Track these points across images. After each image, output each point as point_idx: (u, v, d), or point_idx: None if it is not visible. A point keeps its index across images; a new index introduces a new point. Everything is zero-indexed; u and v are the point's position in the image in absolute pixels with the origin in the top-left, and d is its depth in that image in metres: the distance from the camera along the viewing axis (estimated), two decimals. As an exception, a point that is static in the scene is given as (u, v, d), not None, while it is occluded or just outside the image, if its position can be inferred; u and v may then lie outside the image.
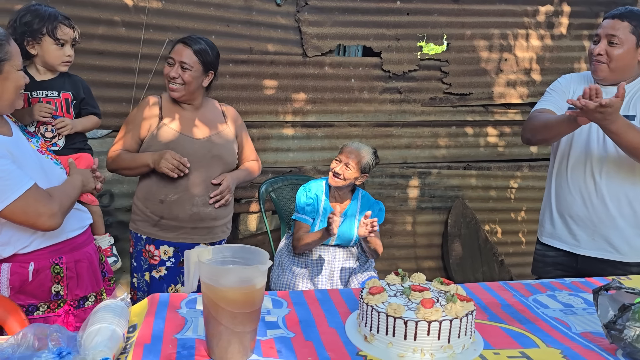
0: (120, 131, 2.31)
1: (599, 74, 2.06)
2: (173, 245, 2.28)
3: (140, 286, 2.33)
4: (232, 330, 1.08)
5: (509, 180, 3.84)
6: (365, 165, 2.51)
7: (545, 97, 2.25)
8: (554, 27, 3.75)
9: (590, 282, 1.72)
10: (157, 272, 2.29)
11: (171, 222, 2.25)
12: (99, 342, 1.06)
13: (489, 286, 1.64)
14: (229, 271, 1.12)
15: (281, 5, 3.30)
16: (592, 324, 1.38)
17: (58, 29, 1.93)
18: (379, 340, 1.19)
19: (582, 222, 2.13)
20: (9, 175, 1.46)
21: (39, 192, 1.51)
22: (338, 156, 2.53)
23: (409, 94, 3.60)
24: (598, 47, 2.04)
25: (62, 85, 2.03)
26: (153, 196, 2.25)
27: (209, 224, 2.31)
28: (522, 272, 3.82)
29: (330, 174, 2.52)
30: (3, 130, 1.58)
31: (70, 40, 1.98)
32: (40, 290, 1.63)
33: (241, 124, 2.48)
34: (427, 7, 3.54)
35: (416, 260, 3.79)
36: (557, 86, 2.24)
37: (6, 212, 1.47)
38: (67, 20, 1.97)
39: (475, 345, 1.23)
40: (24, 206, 1.47)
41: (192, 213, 2.25)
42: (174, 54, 2.22)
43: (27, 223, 1.51)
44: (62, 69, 2.00)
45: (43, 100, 1.98)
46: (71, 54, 1.99)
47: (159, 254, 2.28)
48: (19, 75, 1.57)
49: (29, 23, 1.91)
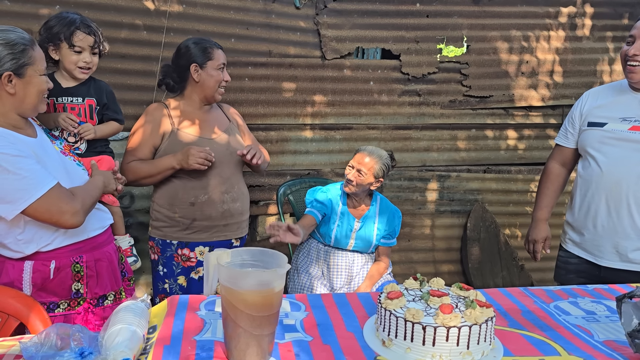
0: (131, 142, 2.29)
1: (635, 77, 2.00)
2: (208, 244, 2.32)
3: (174, 291, 2.35)
4: (250, 333, 1.09)
5: (530, 183, 3.79)
6: (379, 170, 2.44)
7: (561, 129, 2.33)
8: (576, 28, 3.70)
9: (614, 289, 1.69)
10: (195, 273, 2.33)
11: (204, 223, 2.29)
12: (120, 343, 1.08)
13: (509, 292, 1.63)
14: (248, 274, 1.13)
15: (300, 8, 3.31)
16: (616, 332, 1.36)
17: (74, 35, 1.94)
18: (397, 345, 1.18)
19: (605, 233, 2.08)
20: (34, 174, 1.50)
21: (62, 191, 1.55)
22: (351, 162, 2.47)
23: (428, 96, 3.58)
24: (633, 47, 1.98)
25: (87, 92, 2.05)
26: (181, 201, 2.27)
27: (238, 219, 2.37)
28: (543, 278, 3.76)
29: (345, 180, 2.50)
30: (28, 132, 1.62)
31: (88, 47, 1.97)
32: (61, 288, 1.67)
33: (243, 124, 2.55)
34: (447, 9, 3.51)
35: (435, 264, 3.76)
36: (570, 117, 2.27)
37: (30, 209, 1.50)
38: (88, 27, 1.97)
39: (495, 352, 1.21)
40: (48, 204, 1.51)
41: (224, 210, 2.30)
42: (223, 60, 2.32)
43: (51, 220, 1.55)
44: (78, 75, 2.00)
45: (68, 106, 2.00)
46: (89, 60, 1.98)
47: (194, 255, 2.31)
48: (41, 80, 1.60)
49: (51, 28, 1.94)
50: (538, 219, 2.37)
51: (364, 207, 2.57)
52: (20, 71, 1.54)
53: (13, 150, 1.49)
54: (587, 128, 2.15)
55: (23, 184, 1.48)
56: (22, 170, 1.48)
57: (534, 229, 2.38)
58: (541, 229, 2.36)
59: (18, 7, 2.75)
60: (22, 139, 1.57)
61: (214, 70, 2.29)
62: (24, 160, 1.50)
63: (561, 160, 2.34)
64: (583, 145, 2.17)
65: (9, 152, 1.48)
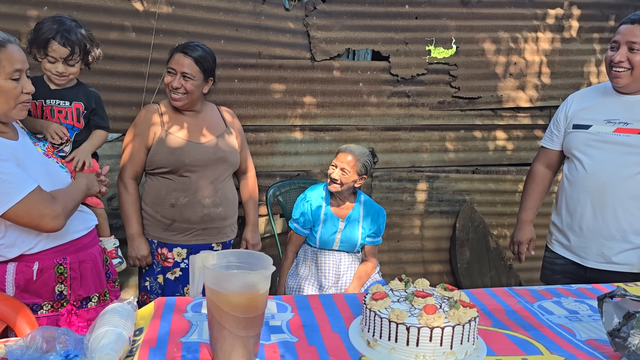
0: (126, 139, 2.34)
1: (620, 81, 2.01)
2: (186, 247, 2.32)
3: (154, 289, 2.36)
4: (235, 335, 1.09)
5: (518, 184, 3.82)
6: (362, 167, 2.48)
7: (547, 131, 2.36)
8: (563, 30, 3.73)
9: (597, 289, 1.71)
10: (171, 273, 2.33)
11: (183, 225, 2.29)
12: (106, 345, 1.08)
13: (494, 292, 1.64)
14: (233, 276, 1.14)
15: (290, 10, 3.32)
16: (597, 331, 1.38)
17: (49, 44, 1.88)
18: (381, 346, 1.19)
19: (591, 235, 2.10)
20: (13, 178, 1.49)
21: (42, 194, 1.54)
22: (334, 161, 2.51)
23: (417, 97, 3.60)
24: (618, 54, 1.99)
25: (75, 95, 2.02)
26: (162, 201, 2.29)
27: (218, 224, 2.36)
28: (530, 277, 3.79)
29: (329, 179, 2.52)
30: (9, 135, 1.60)
31: (61, 58, 1.91)
32: (44, 290, 1.66)
33: (241, 130, 2.53)
34: (435, 11, 3.54)
35: (424, 265, 3.79)
36: (555, 120, 2.30)
37: (10, 213, 1.49)
38: (66, 38, 1.89)
39: (478, 351, 1.23)
40: (28, 208, 1.50)
41: (203, 215, 2.29)
42: (174, 64, 2.23)
43: (31, 224, 1.54)
44: (55, 81, 1.96)
45: (55, 108, 1.98)
46: (61, 70, 1.92)
47: (172, 256, 2.32)
48: (9, 85, 1.52)
49: (37, 31, 1.90)
50: (523, 221, 2.39)
51: (348, 205, 2.59)
52: None
53: None
54: (572, 130, 2.18)
55: (2, 187, 1.46)
56: (1, 174, 1.47)
57: (518, 231, 2.40)
58: (526, 230, 2.38)
59: (5, 8, 2.73)
60: (2, 142, 1.54)
61: (165, 73, 2.27)
62: (3, 164, 1.48)
63: (546, 162, 2.36)
64: (569, 147, 2.19)
65: None
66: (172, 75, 2.24)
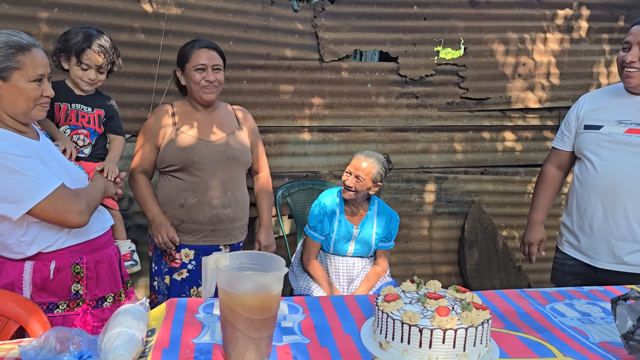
0: (138, 141, 2.37)
1: (632, 82, 2.02)
2: (194, 248, 2.32)
3: (161, 289, 2.37)
4: (248, 336, 1.10)
5: (527, 185, 3.80)
6: (377, 174, 2.45)
7: (558, 133, 2.35)
8: (572, 30, 3.71)
9: (609, 291, 1.70)
10: (178, 274, 2.34)
11: (191, 226, 2.29)
12: (119, 346, 1.09)
13: (505, 294, 1.64)
14: (246, 277, 1.14)
15: (298, 11, 3.33)
16: (611, 334, 1.37)
17: (84, 52, 2.02)
18: (394, 348, 1.19)
19: (601, 235, 2.09)
20: (39, 174, 1.52)
21: (67, 191, 1.58)
22: (348, 167, 2.47)
23: (425, 98, 3.59)
24: (630, 54, 2.00)
25: (97, 102, 2.15)
26: (172, 201, 2.30)
27: (227, 226, 2.35)
28: (540, 279, 3.77)
29: (343, 186, 2.49)
30: (31, 135, 1.64)
31: (95, 66, 2.05)
32: (60, 289, 1.68)
33: (256, 130, 2.51)
34: (444, 11, 3.53)
35: (432, 266, 3.77)
36: (566, 121, 2.29)
37: (37, 209, 1.52)
38: (101, 47, 2.04)
39: (491, 354, 1.22)
40: (54, 203, 1.53)
41: (212, 216, 2.29)
42: (203, 60, 2.26)
43: (57, 220, 1.56)
44: (84, 87, 2.09)
45: (80, 113, 2.08)
46: (93, 77, 2.07)
47: (180, 257, 2.32)
48: (30, 87, 1.55)
49: (68, 40, 2.02)
50: (534, 222, 2.38)
51: (362, 212, 2.56)
52: (4, 74, 1.51)
53: (18, 151, 1.50)
54: (583, 131, 2.17)
55: (29, 183, 1.49)
56: (28, 170, 1.49)
57: (529, 231, 2.39)
58: (537, 231, 2.37)
59: (16, 10, 2.76)
60: (26, 141, 1.58)
61: (192, 72, 2.28)
62: (29, 161, 1.51)
63: (557, 163, 2.35)
64: (580, 148, 2.19)
65: (14, 153, 1.49)
66: (202, 72, 2.27)
